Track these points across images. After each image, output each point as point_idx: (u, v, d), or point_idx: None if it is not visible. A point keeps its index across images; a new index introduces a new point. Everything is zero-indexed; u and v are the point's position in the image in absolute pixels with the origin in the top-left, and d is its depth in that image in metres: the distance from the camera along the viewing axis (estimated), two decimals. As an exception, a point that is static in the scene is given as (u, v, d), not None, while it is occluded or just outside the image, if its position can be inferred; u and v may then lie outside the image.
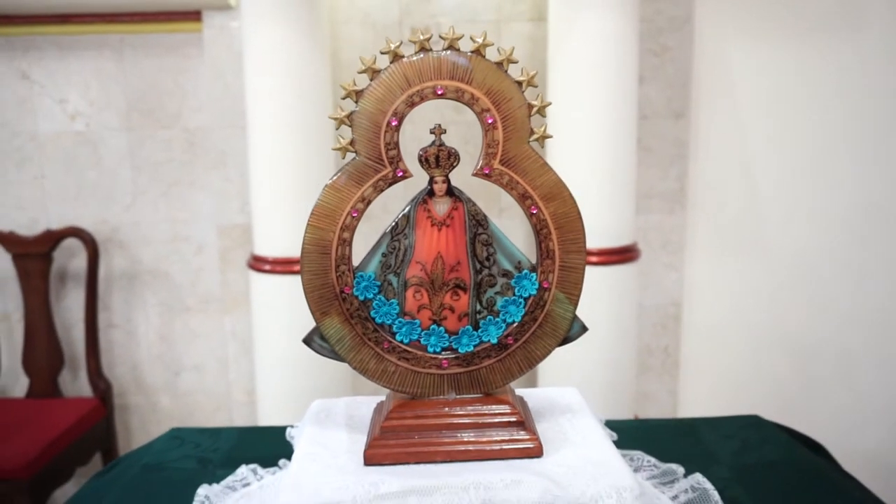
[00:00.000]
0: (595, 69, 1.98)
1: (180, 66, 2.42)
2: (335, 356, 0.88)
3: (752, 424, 1.20)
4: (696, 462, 1.03)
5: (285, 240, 2.03)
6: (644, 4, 2.26)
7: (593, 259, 2.02)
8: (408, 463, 0.83)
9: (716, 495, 0.93)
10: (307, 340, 0.88)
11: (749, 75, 2.32)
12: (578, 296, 0.87)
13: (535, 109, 0.83)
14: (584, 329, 0.89)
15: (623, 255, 2.06)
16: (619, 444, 0.98)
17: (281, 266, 2.02)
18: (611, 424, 1.10)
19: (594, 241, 2.02)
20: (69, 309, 2.50)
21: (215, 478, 1.05)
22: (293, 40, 2.00)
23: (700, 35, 2.31)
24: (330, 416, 0.96)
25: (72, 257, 2.48)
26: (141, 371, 2.55)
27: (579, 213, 0.86)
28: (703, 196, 2.38)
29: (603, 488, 0.77)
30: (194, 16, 2.37)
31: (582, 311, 0.88)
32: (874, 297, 2.33)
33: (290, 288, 2.03)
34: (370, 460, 0.83)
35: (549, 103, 0.84)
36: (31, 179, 2.47)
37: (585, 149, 2.02)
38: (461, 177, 0.88)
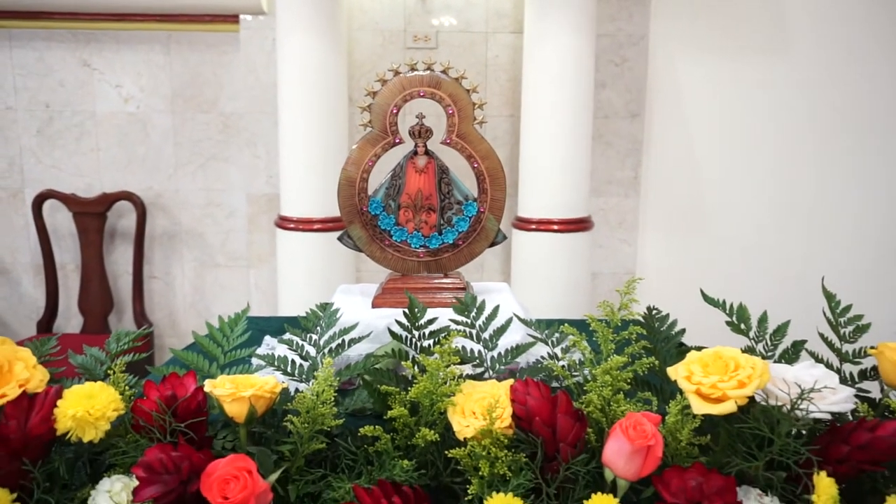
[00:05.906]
0: (558, 75, 2.72)
1: (219, 60, 3.17)
2: (356, 248, 1.61)
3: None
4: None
5: (306, 203, 2.77)
6: (606, 23, 3.00)
7: (554, 227, 2.76)
8: (398, 308, 1.56)
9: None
10: (340, 238, 1.61)
11: (695, 84, 3.06)
12: (500, 217, 1.60)
13: (476, 106, 1.56)
14: (504, 237, 1.62)
15: (579, 224, 2.79)
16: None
17: (303, 224, 2.75)
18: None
19: (556, 212, 2.77)
20: (116, 262, 3.25)
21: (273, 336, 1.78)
22: (317, 43, 2.74)
23: (654, 49, 3.05)
24: (351, 291, 1.70)
25: (121, 217, 3.22)
26: (176, 317, 3.29)
27: (502, 168, 1.59)
28: (653, 183, 3.12)
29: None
30: (232, 18, 3.12)
31: (544, 271, 1.60)
32: (795, 268, 3.07)
33: (309, 243, 2.76)
34: (375, 305, 1.57)
35: (486, 102, 1.57)
36: (88, 151, 3.22)
37: (550, 138, 2.75)
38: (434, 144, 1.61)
